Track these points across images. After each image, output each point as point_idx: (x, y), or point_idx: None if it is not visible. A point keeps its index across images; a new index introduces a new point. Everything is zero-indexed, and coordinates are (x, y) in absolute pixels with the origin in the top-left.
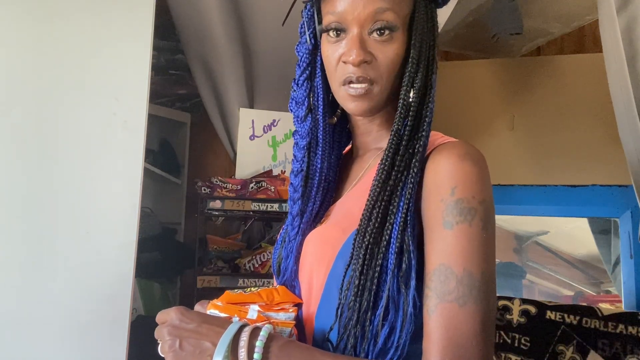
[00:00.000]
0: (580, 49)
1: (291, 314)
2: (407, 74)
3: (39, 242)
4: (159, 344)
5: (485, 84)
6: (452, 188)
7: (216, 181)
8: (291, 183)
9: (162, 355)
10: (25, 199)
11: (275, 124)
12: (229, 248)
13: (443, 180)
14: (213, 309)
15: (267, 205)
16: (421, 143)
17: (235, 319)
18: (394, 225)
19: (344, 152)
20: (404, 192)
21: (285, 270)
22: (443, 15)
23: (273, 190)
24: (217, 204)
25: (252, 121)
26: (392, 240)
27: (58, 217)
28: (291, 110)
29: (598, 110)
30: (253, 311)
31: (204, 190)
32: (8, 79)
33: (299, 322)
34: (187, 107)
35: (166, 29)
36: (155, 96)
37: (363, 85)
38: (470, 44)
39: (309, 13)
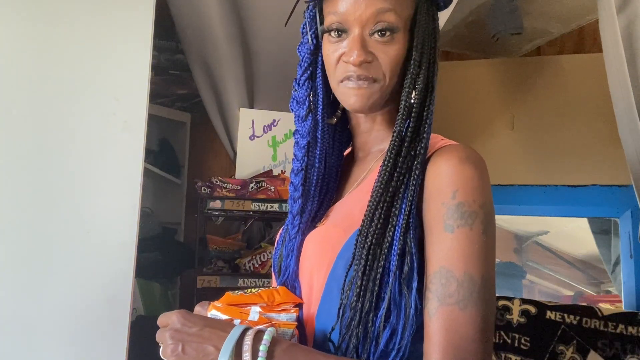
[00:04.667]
0: (580, 49)
1: (293, 314)
2: (409, 75)
3: (39, 242)
4: (160, 347)
5: (485, 84)
6: (453, 192)
7: (216, 181)
8: (291, 182)
9: (164, 359)
10: (25, 199)
11: (275, 124)
12: (229, 248)
13: (444, 183)
14: (214, 310)
15: (267, 205)
16: (422, 145)
17: (237, 321)
18: (397, 227)
19: (345, 153)
20: (406, 194)
21: (286, 269)
22: (443, 15)
23: (273, 190)
24: (217, 204)
25: (252, 121)
26: (394, 242)
27: (58, 217)
28: (292, 109)
29: (598, 110)
30: (254, 313)
31: (204, 190)
32: (8, 79)
33: (300, 322)
34: (187, 107)
35: (166, 29)
36: (155, 96)
37: (364, 82)
38: (470, 44)
39: (311, 13)
